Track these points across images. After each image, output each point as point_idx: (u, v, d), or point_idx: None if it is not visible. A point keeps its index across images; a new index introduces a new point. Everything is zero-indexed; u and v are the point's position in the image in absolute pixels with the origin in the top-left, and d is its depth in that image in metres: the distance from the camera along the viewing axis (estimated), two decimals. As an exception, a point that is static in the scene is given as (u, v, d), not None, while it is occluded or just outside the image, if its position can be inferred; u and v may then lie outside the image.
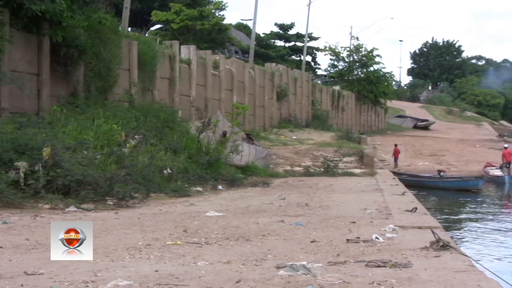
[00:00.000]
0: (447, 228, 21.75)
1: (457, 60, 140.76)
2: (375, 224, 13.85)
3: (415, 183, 37.52)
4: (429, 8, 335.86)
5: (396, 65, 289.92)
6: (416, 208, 16.31)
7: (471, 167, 48.41)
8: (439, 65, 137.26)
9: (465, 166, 48.87)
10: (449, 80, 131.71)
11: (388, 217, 15.04)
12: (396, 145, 49.16)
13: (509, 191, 41.22)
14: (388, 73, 72.64)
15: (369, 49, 69.26)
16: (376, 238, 11.96)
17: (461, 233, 23.78)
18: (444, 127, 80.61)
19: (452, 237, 16.82)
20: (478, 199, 36.07)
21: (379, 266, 9.54)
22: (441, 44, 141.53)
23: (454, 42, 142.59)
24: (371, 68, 69.38)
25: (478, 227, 25.29)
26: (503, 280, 9.56)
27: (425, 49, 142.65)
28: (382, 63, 71.46)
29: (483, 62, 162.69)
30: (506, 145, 50.25)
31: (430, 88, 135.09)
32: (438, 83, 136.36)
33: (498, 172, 44.54)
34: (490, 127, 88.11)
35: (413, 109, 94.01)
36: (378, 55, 69.35)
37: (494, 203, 34.96)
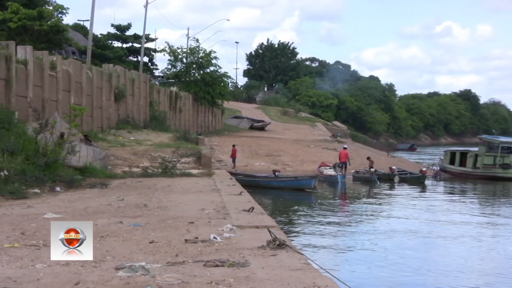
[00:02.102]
0: (283, 227, 22.27)
1: (292, 61, 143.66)
2: (213, 224, 13.99)
3: (252, 183, 38.11)
4: (265, 10, 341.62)
5: (233, 66, 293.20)
6: (253, 208, 16.58)
7: (306, 167, 49.63)
8: (275, 67, 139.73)
9: (300, 166, 50.02)
10: (284, 82, 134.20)
11: (225, 217, 15.22)
12: (234, 146, 49.71)
13: (342, 190, 42.65)
14: (224, 74, 73.27)
15: (206, 51, 69.69)
16: (214, 238, 12.09)
17: (297, 231, 24.38)
18: (280, 128, 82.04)
19: (288, 236, 17.22)
20: (312, 198, 37.10)
21: (217, 265, 9.66)
22: (276, 46, 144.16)
23: (289, 44, 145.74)
24: (208, 70, 69.75)
25: (313, 226, 26.03)
26: (335, 278, 9.90)
27: (260, 51, 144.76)
28: (219, 65, 71.85)
29: (317, 64, 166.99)
30: (345, 146, 52.12)
31: (265, 89, 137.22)
32: (274, 84, 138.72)
33: (331, 172, 45.98)
34: (324, 127, 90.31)
35: (249, 110, 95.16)
36: (215, 57, 69.89)
37: (327, 202, 36.05)
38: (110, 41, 75.52)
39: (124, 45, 76.46)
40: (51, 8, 55.10)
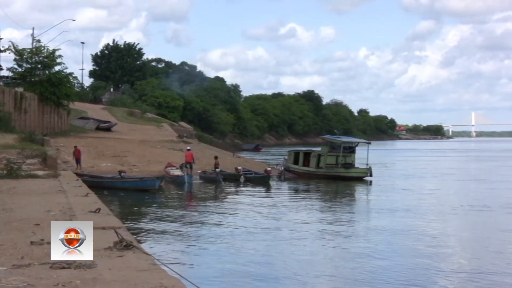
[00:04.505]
0: (130, 228, 22.23)
1: (138, 62, 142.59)
2: (59, 226, 13.83)
3: (98, 184, 37.75)
4: (112, 11, 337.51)
5: (79, 67, 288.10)
6: (99, 209, 16.51)
7: (153, 167, 49.55)
8: (121, 67, 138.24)
9: (146, 167, 49.88)
10: (131, 82, 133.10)
11: (72, 218, 15.10)
12: (76, 146, 48.73)
13: (189, 190, 42.88)
14: (70, 74, 71.83)
15: (50, 50, 68.14)
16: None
17: (144, 232, 24.38)
18: (126, 129, 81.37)
19: (135, 237, 17.24)
20: (159, 199, 37.14)
21: (63, 267, 9.61)
22: (122, 46, 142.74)
23: (135, 45, 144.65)
24: (54, 70, 68.22)
25: (160, 226, 26.10)
26: (183, 277, 10.07)
27: (106, 52, 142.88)
28: (64, 64, 70.16)
29: (163, 64, 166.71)
30: (189, 147, 52.27)
31: (112, 90, 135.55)
32: (120, 85, 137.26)
33: (178, 172, 46.12)
34: (170, 128, 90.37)
35: (95, 111, 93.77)
36: (59, 56, 68.40)
37: (174, 202, 36.18)
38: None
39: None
40: None
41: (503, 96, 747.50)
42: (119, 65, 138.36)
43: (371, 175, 50.97)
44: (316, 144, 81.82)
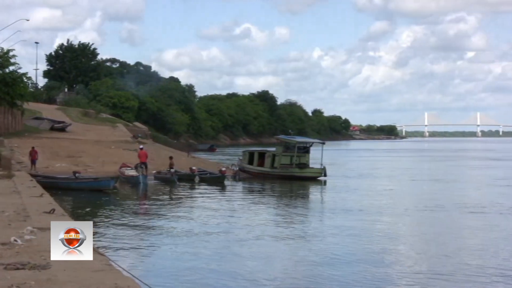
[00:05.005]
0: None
1: (92, 62, 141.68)
2: (13, 227, 13.83)
3: (53, 185, 37.46)
4: (67, 10, 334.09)
5: (33, 67, 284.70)
6: (54, 210, 16.50)
7: (108, 167, 49.29)
8: (75, 67, 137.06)
9: (101, 167, 49.59)
10: (85, 82, 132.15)
11: (26, 219, 15.07)
12: (33, 147, 48.33)
13: (144, 190, 42.80)
14: (24, 74, 71.08)
15: (3, 50, 67.39)
16: (15, 240, 11.99)
17: (98, 233, 24.29)
18: (81, 129, 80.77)
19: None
20: (113, 199, 37.04)
21: (18, 268, 9.64)
22: (76, 46, 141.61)
23: (90, 45, 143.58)
24: (8, 70, 67.48)
25: (115, 227, 26.05)
26: (137, 278, 10.15)
27: (61, 52, 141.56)
28: (18, 64, 69.37)
29: (118, 64, 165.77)
30: (141, 146, 51.95)
31: (66, 90, 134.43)
32: (74, 85, 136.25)
33: (133, 172, 45.98)
34: (125, 128, 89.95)
35: (50, 111, 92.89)
36: (14, 56, 67.65)
37: (129, 203, 36.09)
38: None
39: None
40: None
41: (455, 96, 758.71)
42: (74, 65, 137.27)
43: (325, 175, 51.29)
44: (271, 144, 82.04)
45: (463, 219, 30.68)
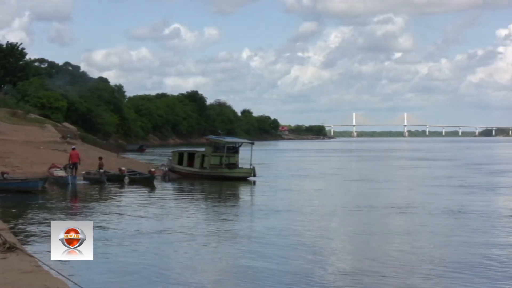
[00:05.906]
0: (13, 230, 22.04)
1: (21, 62, 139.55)
2: None
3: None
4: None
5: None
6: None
7: (36, 168, 48.77)
8: (3, 67, 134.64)
9: (30, 168, 49.05)
10: (13, 83, 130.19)
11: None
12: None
13: (73, 191, 42.47)
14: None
15: None
16: None
17: (27, 234, 24.10)
18: (9, 129, 79.44)
19: (18, 239, 17.15)
20: (43, 200, 36.67)
21: None
22: (4, 46, 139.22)
23: (18, 45, 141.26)
24: None
25: (43, 228, 25.79)
26: (68, 279, 10.22)
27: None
28: None
29: (46, 65, 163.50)
30: (73, 147, 51.56)
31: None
32: (2, 86, 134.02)
33: (62, 173, 45.61)
34: (54, 129, 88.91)
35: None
36: None
37: (58, 204, 35.78)
38: None
39: None
40: None
41: (383, 96, 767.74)
42: (1, 65, 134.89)
43: (254, 175, 51.61)
44: (200, 145, 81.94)
45: (393, 218, 31.04)
